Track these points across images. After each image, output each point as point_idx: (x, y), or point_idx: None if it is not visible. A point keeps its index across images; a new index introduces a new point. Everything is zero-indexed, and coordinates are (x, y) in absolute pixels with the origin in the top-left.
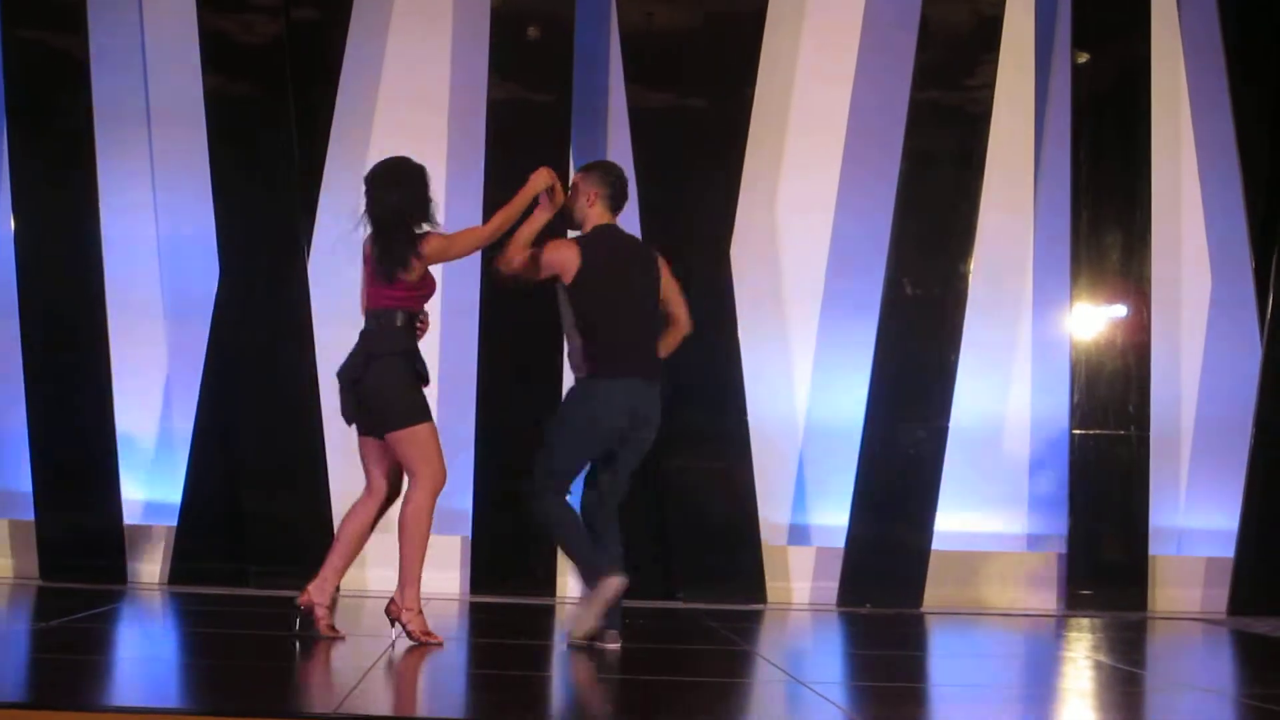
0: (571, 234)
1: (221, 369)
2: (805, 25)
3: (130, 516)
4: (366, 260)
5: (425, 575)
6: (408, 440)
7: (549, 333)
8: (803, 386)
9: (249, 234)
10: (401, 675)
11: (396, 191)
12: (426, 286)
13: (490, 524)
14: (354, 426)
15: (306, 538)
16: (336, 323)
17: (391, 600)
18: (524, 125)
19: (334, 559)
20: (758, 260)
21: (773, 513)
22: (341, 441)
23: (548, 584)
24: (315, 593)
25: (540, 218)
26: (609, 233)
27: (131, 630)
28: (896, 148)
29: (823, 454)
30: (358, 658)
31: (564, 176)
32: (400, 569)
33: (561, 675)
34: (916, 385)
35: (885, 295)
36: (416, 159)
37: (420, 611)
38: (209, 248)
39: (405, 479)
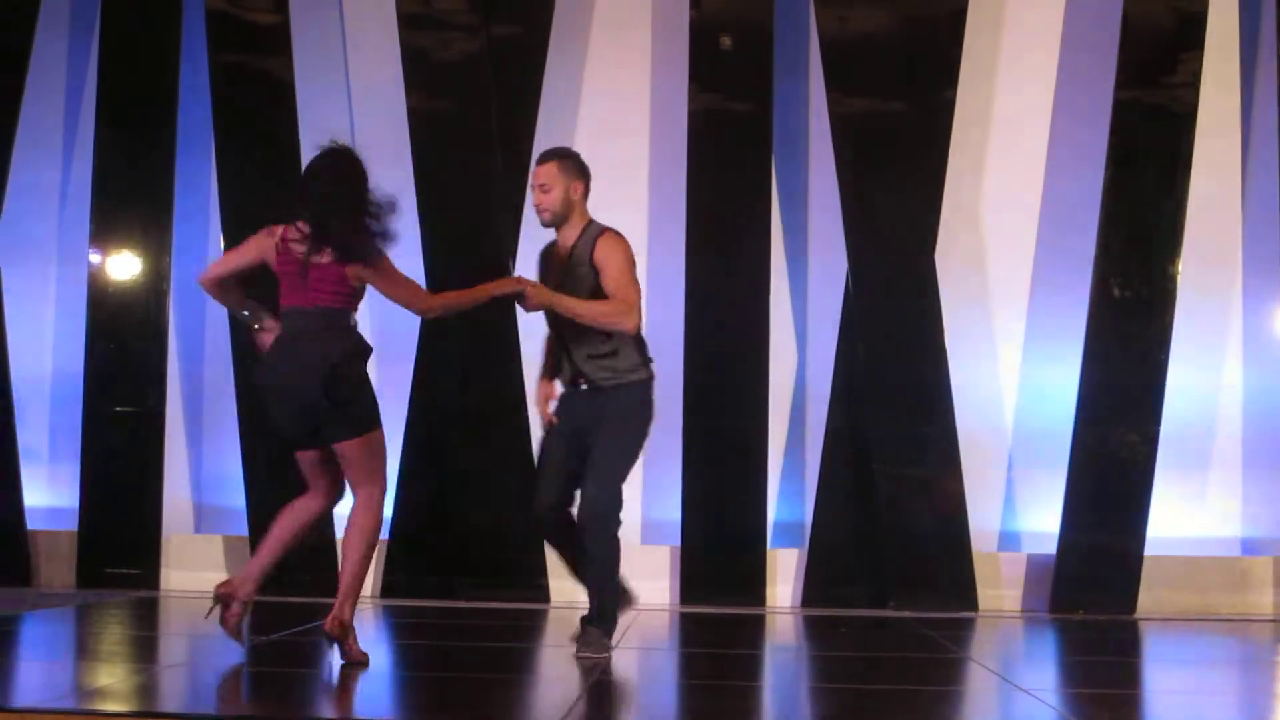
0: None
1: (428, 384)
2: (1005, 25)
3: (340, 531)
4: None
5: (636, 585)
6: (369, 445)
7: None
8: (1010, 391)
9: (452, 251)
10: (619, 688)
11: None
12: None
13: (699, 533)
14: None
15: (514, 549)
16: (537, 338)
17: (333, 617)
18: (724, 135)
19: (262, 554)
20: (963, 263)
21: (983, 519)
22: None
23: (756, 593)
24: (238, 585)
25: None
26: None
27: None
28: (1100, 147)
29: (1032, 459)
30: (570, 673)
31: (766, 185)
32: (342, 583)
33: (777, 684)
34: (1126, 388)
35: (1093, 297)
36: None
37: (354, 631)
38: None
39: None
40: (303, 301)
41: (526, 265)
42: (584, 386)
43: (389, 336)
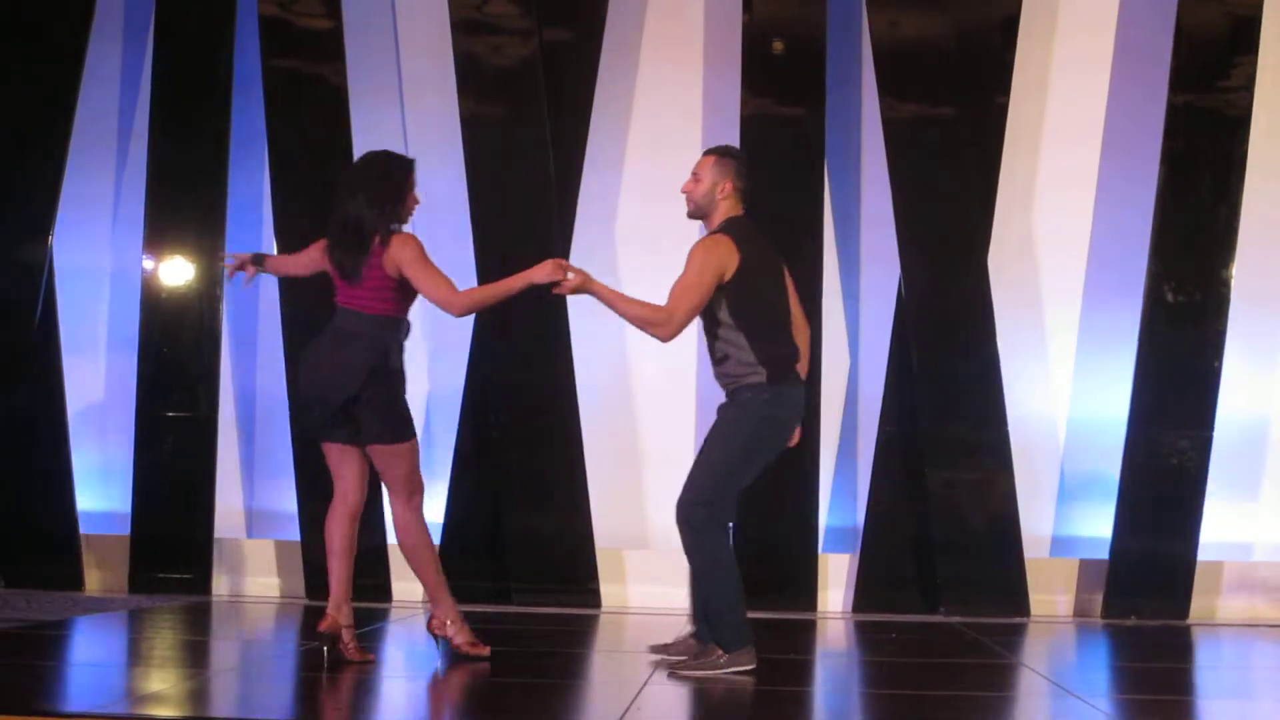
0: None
1: (480, 387)
2: (1058, 30)
3: (393, 537)
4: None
5: (686, 591)
6: (399, 453)
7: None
8: (1063, 395)
9: (504, 257)
10: (672, 693)
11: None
12: (400, 289)
13: (750, 538)
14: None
15: (566, 555)
16: (590, 340)
17: (432, 617)
18: (777, 140)
19: (341, 577)
20: (1016, 268)
21: (1035, 524)
22: (597, 456)
23: (807, 598)
24: (338, 615)
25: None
26: (750, 226)
27: (396, 648)
28: (1154, 152)
29: (1084, 463)
30: (627, 674)
31: (819, 190)
32: (426, 587)
33: (829, 689)
34: (1179, 393)
35: (1146, 301)
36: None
37: (464, 623)
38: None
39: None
40: (346, 302)
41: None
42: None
43: (441, 339)
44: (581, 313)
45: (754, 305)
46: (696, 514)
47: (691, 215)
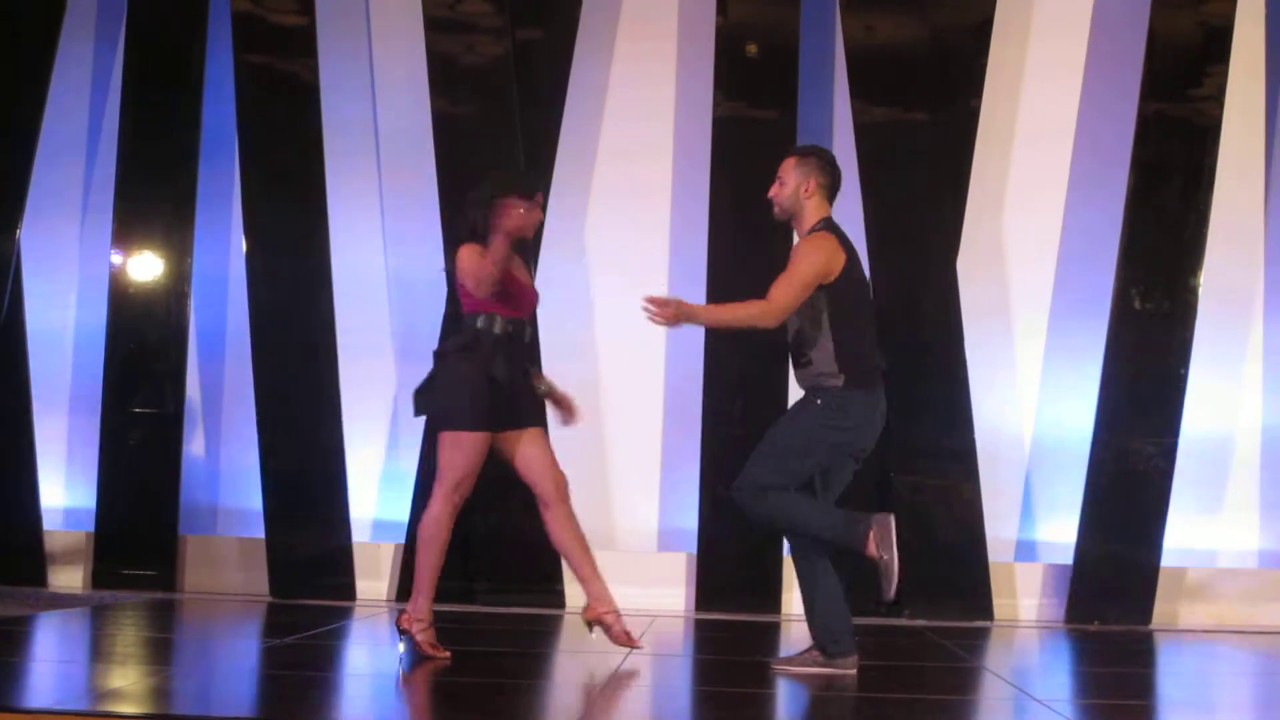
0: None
1: None
2: (1031, 36)
3: (359, 535)
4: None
5: (652, 592)
6: (442, 443)
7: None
8: (1030, 401)
9: None
10: (627, 694)
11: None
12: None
13: (716, 540)
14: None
15: (531, 556)
16: (561, 340)
17: (402, 611)
18: (749, 142)
19: (584, 571)
20: (985, 273)
21: (1000, 529)
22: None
23: (773, 600)
24: (600, 605)
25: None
26: (839, 228)
27: (360, 647)
28: (1124, 159)
29: (1050, 469)
30: (588, 675)
31: None
32: (414, 577)
33: (789, 692)
34: (1146, 400)
35: (1114, 309)
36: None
37: (430, 624)
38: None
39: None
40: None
41: (546, 266)
42: None
43: (410, 341)
44: (549, 315)
45: (851, 308)
46: (747, 495)
47: (777, 218)
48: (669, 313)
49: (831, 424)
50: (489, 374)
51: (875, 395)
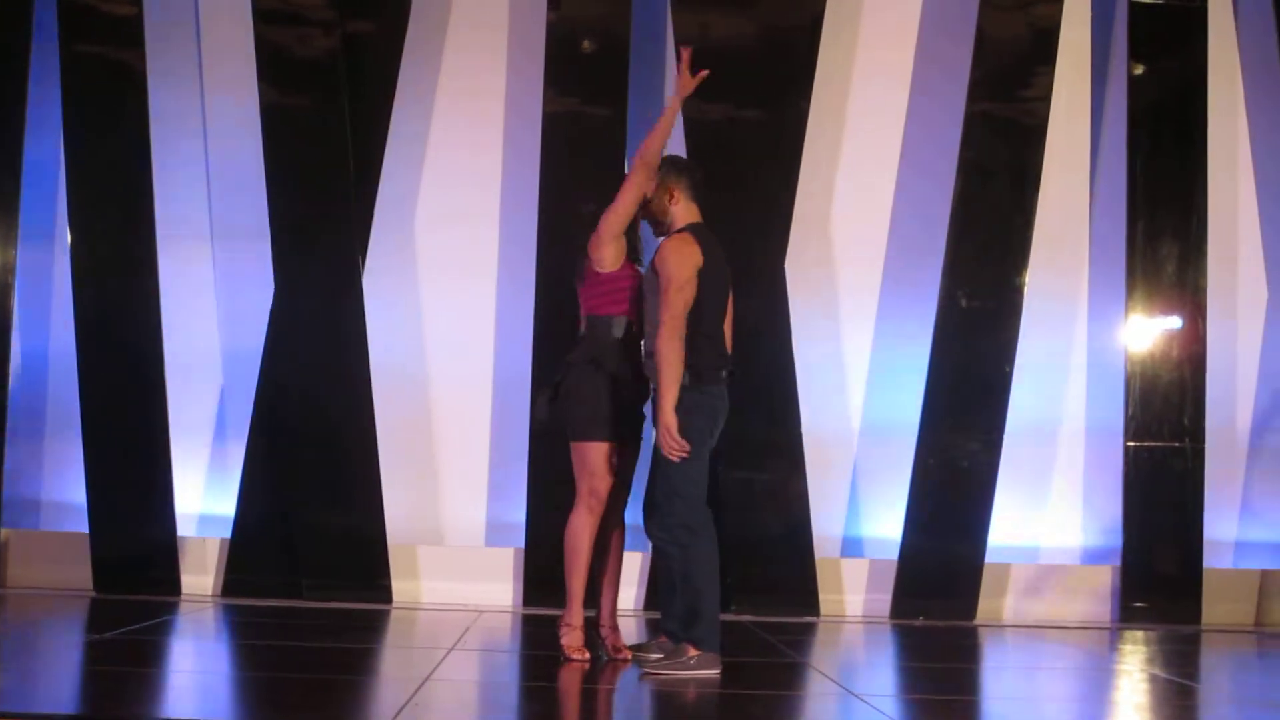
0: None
1: (276, 380)
2: (860, 36)
3: (184, 529)
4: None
5: (479, 587)
6: (575, 453)
7: None
8: (857, 397)
9: (303, 246)
10: (456, 688)
11: None
12: (605, 283)
13: (543, 535)
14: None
15: (358, 551)
16: (389, 335)
17: (560, 616)
18: (580, 138)
19: (604, 584)
20: (814, 270)
21: (826, 525)
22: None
23: (591, 598)
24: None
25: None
26: (708, 232)
27: (184, 642)
28: (952, 158)
29: (877, 466)
30: (413, 670)
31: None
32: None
33: (618, 687)
34: (971, 397)
35: (940, 306)
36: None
37: (578, 627)
38: (263, 255)
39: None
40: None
41: (374, 257)
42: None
43: (234, 333)
44: (378, 302)
45: (700, 308)
46: (681, 536)
47: (659, 235)
48: (676, 439)
49: (696, 416)
50: (616, 385)
51: (720, 387)
